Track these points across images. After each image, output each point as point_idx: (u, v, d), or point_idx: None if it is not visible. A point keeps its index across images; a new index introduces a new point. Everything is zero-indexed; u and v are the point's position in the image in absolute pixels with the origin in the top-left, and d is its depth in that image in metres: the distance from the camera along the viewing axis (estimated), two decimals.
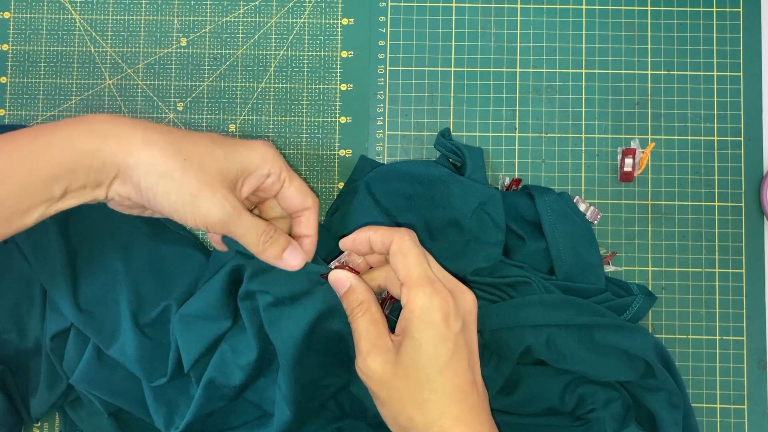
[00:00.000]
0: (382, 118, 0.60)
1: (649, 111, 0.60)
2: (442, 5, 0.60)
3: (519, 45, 0.60)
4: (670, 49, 0.60)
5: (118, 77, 0.60)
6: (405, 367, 0.44)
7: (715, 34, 0.60)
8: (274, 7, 0.61)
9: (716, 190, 0.59)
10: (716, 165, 0.59)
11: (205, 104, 0.60)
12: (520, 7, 0.61)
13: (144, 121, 0.45)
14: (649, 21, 0.60)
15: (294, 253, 0.48)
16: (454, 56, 0.60)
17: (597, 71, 0.60)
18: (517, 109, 0.60)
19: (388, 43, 0.60)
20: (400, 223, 0.55)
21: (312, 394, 0.51)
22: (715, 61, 0.60)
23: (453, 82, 0.60)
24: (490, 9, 0.61)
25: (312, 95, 0.60)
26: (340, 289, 0.47)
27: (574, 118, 0.60)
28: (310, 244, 0.50)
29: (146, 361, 0.52)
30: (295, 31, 0.61)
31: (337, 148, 0.60)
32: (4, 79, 0.60)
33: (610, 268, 0.58)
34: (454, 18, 0.60)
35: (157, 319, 0.54)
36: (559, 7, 0.60)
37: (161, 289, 0.55)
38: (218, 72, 0.60)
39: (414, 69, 0.60)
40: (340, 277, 0.48)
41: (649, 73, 0.60)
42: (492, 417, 0.46)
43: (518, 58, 0.60)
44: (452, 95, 0.60)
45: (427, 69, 0.60)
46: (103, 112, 0.60)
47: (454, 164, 0.58)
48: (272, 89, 0.60)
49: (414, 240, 0.46)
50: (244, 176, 0.47)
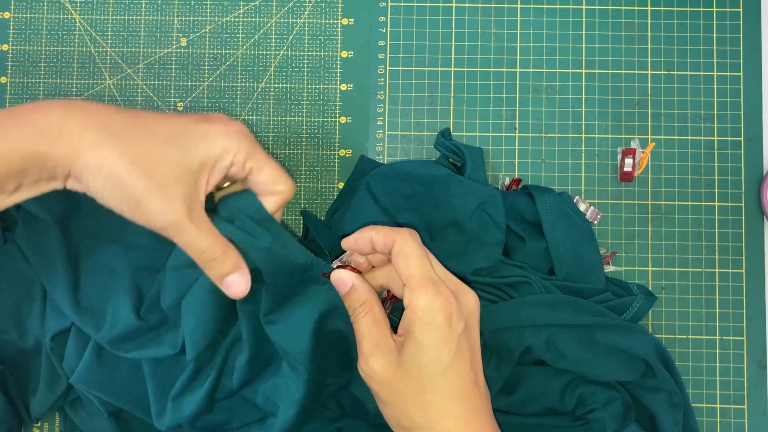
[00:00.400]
0: (382, 118, 0.60)
1: (649, 111, 0.60)
2: (442, 5, 0.60)
3: (519, 45, 0.60)
4: (670, 49, 0.60)
5: (118, 77, 0.60)
6: (407, 368, 0.44)
7: (715, 34, 0.60)
8: (274, 7, 0.61)
9: (716, 190, 0.59)
10: (716, 165, 0.59)
11: (205, 104, 0.60)
12: (520, 7, 0.61)
13: (95, 114, 0.42)
14: (649, 21, 0.60)
15: (238, 282, 0.46)
16: (454, 56, 0.60)
17: (597, 71, 0.60)
18: (517, 109, 0.60)
19: (388, 43, 0.60)
20: (401, 222, 0.55)
21: (318, 396, 0.51)
22: (715, 61, 0.60)
23: (453, 82, 0.60)
24: (490, 9, 0.61)
25: (312, 95, 0.60)
26: (342, 289, 0.47)
27: (574, 118, 0.60)
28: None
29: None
30: (295, 31, 0.61)
31: (337, 148, 0.60)
32: (4, 79, 0.60)
33: (610, 268, 0.58)
34: (454, 18, 0.60)
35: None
36: (559, 7, 0.60)
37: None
38: (218, 72, 0.60)
39: (414, 69, 0.60)
40: (343, 277, 0.47)
41: (649, 73, 0.60)
42: (494, 417, 0.46)
43: (518, 58, 0.60)
44: (452, 95, 0.60)
45: (427, 69, 0.60)
46: None
47: (454, 164, 0.58)
48: (272, 89, 0.60)
49: (416, 240, 0.46)
50: (205, 171, 0.44)
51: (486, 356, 0.52)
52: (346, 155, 0.60)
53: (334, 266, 0.49)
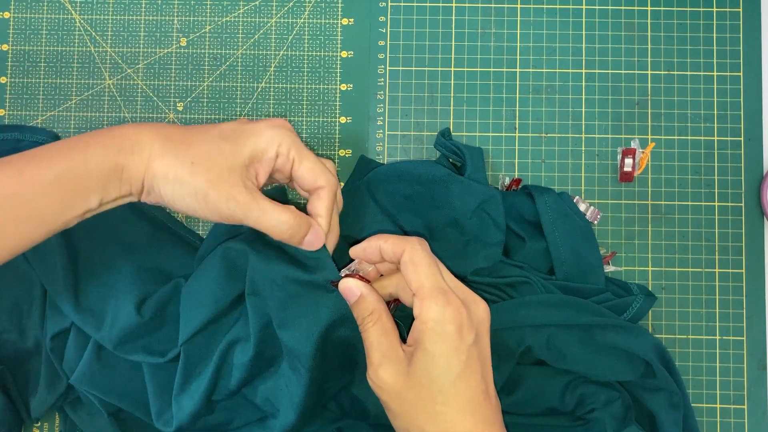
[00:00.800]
0: (382, 118, 0.60)
1: (649, 111, 0.60)
2: (442, 5, 0.60)
3: (519, 45, 0.60)
4: (670, 49, 0.60)
5: (118, 77, 0.60)
6: (417, 379, 0.44)
7: (715, 34, 0.60)
8: (274, 7, 0.61)
9: (716, 190, 0.59)
10: (716, 165, 0.59)
11: (205, 104, 0.60)
12: (520, 7, 0.61)
13: (160, 129, 0.47)
14: (649, 21, 0.60)
15: (313, 242, 0.49)
16: (454, 56, 0.60)
17: (597, 71, 0.60)
18: (517, 109, 0.60)
19: (388, 43, 0.60)
20: (400, 223, 0.55)
21: (318, 399, 0.51)
22: (715, 61, 0.60)
23: (453, 82, 0.60)
24: (490, 9, 0.61)
25: (312, 95, 0.60)
26: (351, 298, 0.47)
27: (574, 118, 0.60)
28: (323, 224, 0.49)
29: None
30: (295, 31, 0.61)
31: (337, 148, 0.60)
32: (4, 79, 0.60)
33: (610, 268, 0.58)
34: (454, 18, 0.60)
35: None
36: (559, 7, 0.60)
37: None
38: (218, 72, 0.60)
39: (414, 69, 0.60)
40: (351, 286, 0.47)
41: (649, 73, 0.60)
42: (505, 427, 0.45)
43: (518, 58, 0.60)
44: (452, 95, 0.60)
45: (427, 69, 0.60)
46: (103, 112, 0.60)
47: (454, 164, 0.58)
48: (272, 89, 0.60)
49: (426, 249, 0.46)
50: (255, 164, 0.48)
51: None
52: (346, 155, 0.60)
53: (342, 275, 0.49)
